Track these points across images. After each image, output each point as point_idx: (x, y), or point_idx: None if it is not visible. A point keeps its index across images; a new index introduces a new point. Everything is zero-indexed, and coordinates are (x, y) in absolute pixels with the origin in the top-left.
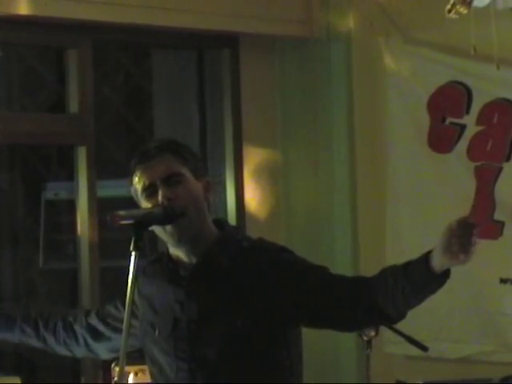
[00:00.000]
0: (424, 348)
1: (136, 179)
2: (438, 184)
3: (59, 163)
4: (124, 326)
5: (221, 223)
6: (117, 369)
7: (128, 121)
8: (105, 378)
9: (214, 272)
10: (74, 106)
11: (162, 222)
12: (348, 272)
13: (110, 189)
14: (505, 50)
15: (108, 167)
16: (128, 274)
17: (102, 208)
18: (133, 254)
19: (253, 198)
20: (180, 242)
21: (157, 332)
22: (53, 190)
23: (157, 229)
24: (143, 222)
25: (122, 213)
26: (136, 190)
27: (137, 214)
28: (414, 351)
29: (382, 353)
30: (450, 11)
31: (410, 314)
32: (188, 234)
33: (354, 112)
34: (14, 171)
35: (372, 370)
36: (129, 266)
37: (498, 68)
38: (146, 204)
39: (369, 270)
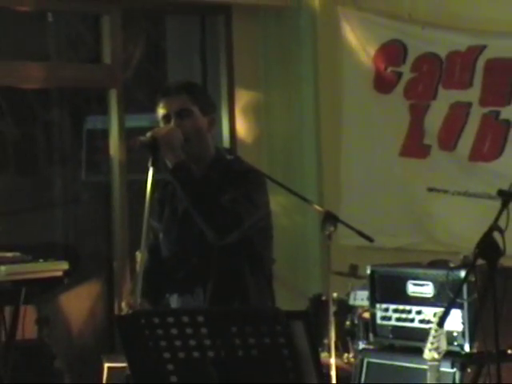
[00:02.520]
0: (370, 239)
1: (158, 108)
2: (381, 117)
3: (97, 101)
4: (144, 224)
5: (218, 149)
6: (138, 254)
7: (148, 70)
8: (131, 264)
9: (209, 183)
10: (107, 58)
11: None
12: (313, 184)
13: (134, 121)
14: (430, 16)
15: (134, 105)
16: (146, 185)
17: (129, 135)
18: (150, 168)
19: (242, 128)
20: (187, 160)
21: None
22: (92, 122)
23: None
24: (154, 144)
25: (141, 138)
26: (158, 115)
27: (146, 139)
28: (363, 242)
29: (339, 244)
30: None
31: (359, 213)
32: (188, 155)
33: (319, 63)
34: (63, 108)
35: (332, 257)
36: (143, 179)
37: (422, 28)
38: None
39: (328, 183)
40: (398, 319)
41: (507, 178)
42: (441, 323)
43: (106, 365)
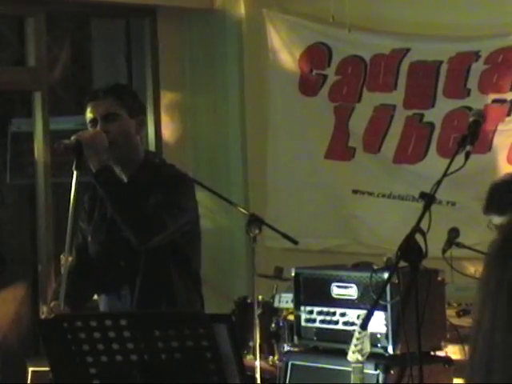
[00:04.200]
0: (294, 241)
1: (86, 112)
2: (306, 119)
3: (21, 104)
4: (68, 227)
5: (147, 152)
6: (62, 257)
7: (74, 72)
8: (56, 266)
9: (135, 186)
10: (31, 61)
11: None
12: (239, 186)
13: (60, 123)
14: (355, 19)
15: (59, 107)
16: (71, 188)
17: (55, 138)
18: (74, 172)
19: (167, 130)
20: (113, 163)
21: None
22: (16, 125)
23: None
24: (78, 147)
25: (65, 141)
26: (86, 120)
27: (70, 142)
28: (288, 245)
29: (264, 246)
30: None
31: (285, 215)
32: (115, 158)
33: (244, 65)
34: None
35: (257, 259)
36: (69, 182)
37: (349, 31)
38: None
39: (254, 185)
40: (323, 321)
41: (431, 179)
42: (364, 325)
43: (30, 368)
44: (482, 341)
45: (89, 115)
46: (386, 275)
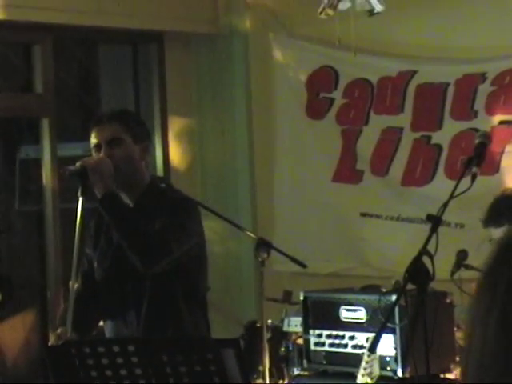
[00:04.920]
0: (303, 265)
1: (91, 137)
2: (314, 143)
3: (29, 131)
4: (74, 253)
5: (152, 177)
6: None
7: (81, 98)
8: (65, 292)
9: (140, 211)
10: (39, 87)
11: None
12: (247, 210)
13: (68, 150)
14: (361, 42)
15: (66, 133)
16: (76, 215)
17: (62, 164)
18: (80, 198)
19: (175, 155)
20: (117, 188)
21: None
22: (25, 152)
23: None
24: (84, 173)
25: (70, 167)
26: (90, 144)
27: (75, 168)
28: (297, 268)
29: (273, 270)
30: (320, 13)
31: (293, 239)
32: (120, 184)
33: (251, 91)
34: None
35: (266, 283)
36: (77, 208)
37: (354, 55)
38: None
39: (262, 208)
40: (332, 345)
41: (439, 202)
42: (372, 348)
43: None
44: (472, 364)
45: (93, 140)
46: (394, 298)
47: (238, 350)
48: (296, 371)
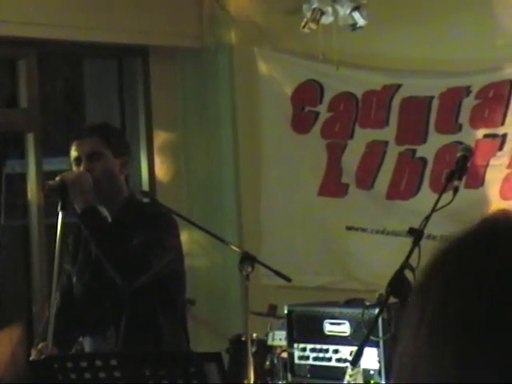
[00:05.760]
0: (288, 279)
1: (71, 151)
2: (299, 157)
3: (15, 146)
4: (54, 268)
5: (131, 191)
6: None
7: (66, 113)
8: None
9: (119, 225)
10: (23, 102)
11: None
12: (233, 223)
13: (53, 164)
14: (345, 56)
15: (52, 148)
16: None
17: (48, 179)
18: (59, 213)
19: (161, 169)
20: (97, 203)
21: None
22: (10, 166)
23: None
24: (63, 188)
25: (50, 182)
26: (70, 158)
27: (54, 183)
28: (283, 282)
29: (259, 284)
30: (304, 27)
31: (280, 253)
32: (99, 198)
33: (236, 104)
34: None
35: (251, 297)
36: (57, 223)
37: (337, 68)
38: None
39: (248, 222)
40: (316, 358)
41: (424, 215)
42: (354, 361)
43: None
44: (404, 373)
45: (73, 153)
46: (377, 311)
47: (221, 363)
48: None
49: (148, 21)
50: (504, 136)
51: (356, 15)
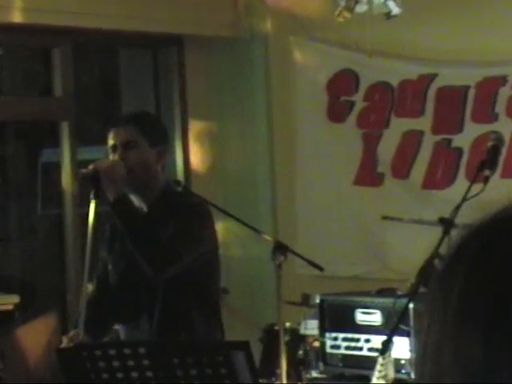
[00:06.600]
0: (320, 268)
1: (108, 139)
2: (334, 146)
3: (51, 135)
4: (86, 256)
5: (167, 181)
6: (89, 286)
7: (102, 102)
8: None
9: (154, 215)
10: (58, 91)
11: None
12: (268, 214)
13: (88, 153)
14: (380, 45)
15: (87, 137)
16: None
17: (83, 168)
18: (92, 201)
19: (196, 158)
20: (131, 191)
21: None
22: (46, 155)
23: None
24: (96, 177)
25: (83, 170)
26: (107, 145)
27: (87, 171)
28: (317, 272)
29: (294, 273)
30: (338, 15)
31: (315, 242)
32: (132, 187)
33: (272, 94)
34: (17, 142)
35: (285, 286)
36: (88, 212)
37: (369, 57)
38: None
39: (283, 212)
40: (347, 348)
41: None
42: (384, 351)
43: None
44: (430, 361)
45: (110, 141)
46: None
47: (249, 352)
48: (314, 374)
49: (183, 10)
50: None
51: (390, 4)
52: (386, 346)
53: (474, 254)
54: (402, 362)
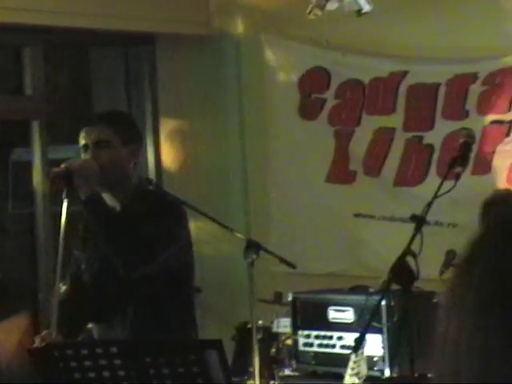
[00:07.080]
0: (292, 265)
1: (80, 138)
2: (307, 144)
3: (22, 134)
4: (59, 255)
5: (140, 180)
6: (61, 286)
7: (73, 100)
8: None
9: (127, 214)
10: (29, 90)
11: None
12: (240, 211)
13: (59, 152)
14: (351, 42)
15: (59, 136)
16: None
17: (55, 167)
18: (64, 200)
19: (167, 156)
20: (104, 190)
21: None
22: (17, 154)
23: None
24: (68, 176)
25: (55, 169)
26: (79, 145)
27: (59, 170)
28: (290, 269)
29: (268, 271)
30: (309, 13)
31: (288, 240)
32: (105, 186)
33: (243, 91)
34: None
35: (259, 285)
36: (60, 211)
37: (342, 55)
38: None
39: (255, 210)
40: (320, 345)
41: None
42: (356, 348)
43: None
44: (448, 351)
45: (81, 141)
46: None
47: (221, 350)
48: (286, 372)
49: (154, 8)
50: (511, 122)
51: (361, 1)
52: (359, 344)
53: (499, 239)
54: (375, 359)
